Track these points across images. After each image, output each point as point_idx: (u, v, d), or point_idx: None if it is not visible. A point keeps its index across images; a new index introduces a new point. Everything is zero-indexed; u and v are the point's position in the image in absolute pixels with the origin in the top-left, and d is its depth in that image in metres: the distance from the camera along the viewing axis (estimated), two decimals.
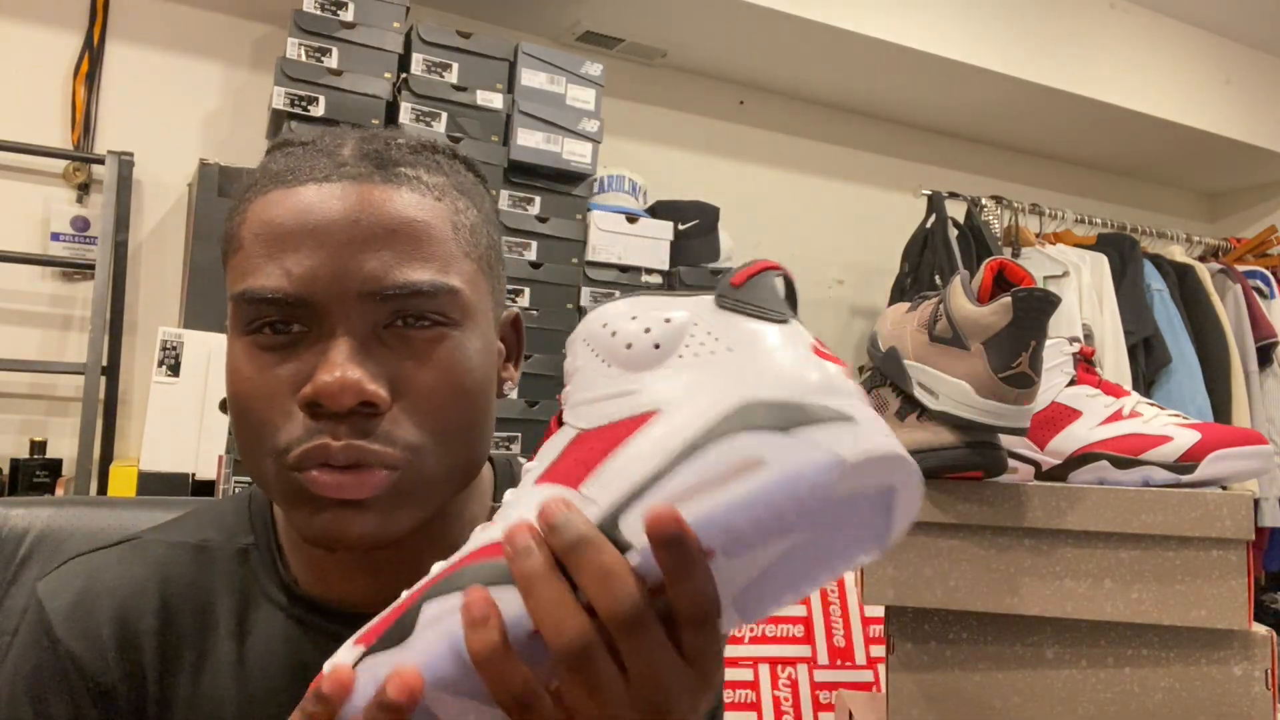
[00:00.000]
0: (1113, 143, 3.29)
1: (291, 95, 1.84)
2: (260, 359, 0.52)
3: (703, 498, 0.37)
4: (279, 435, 0.51)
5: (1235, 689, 0.78)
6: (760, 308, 0.44)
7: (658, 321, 0.45)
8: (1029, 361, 0.76)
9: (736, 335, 0.43)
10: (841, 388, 0.40)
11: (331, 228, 0.52)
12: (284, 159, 0.56)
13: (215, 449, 1.72)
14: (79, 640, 0.58)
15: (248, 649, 0.59)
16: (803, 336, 0.44)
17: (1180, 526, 0.78)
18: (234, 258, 0.54)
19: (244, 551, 0.62)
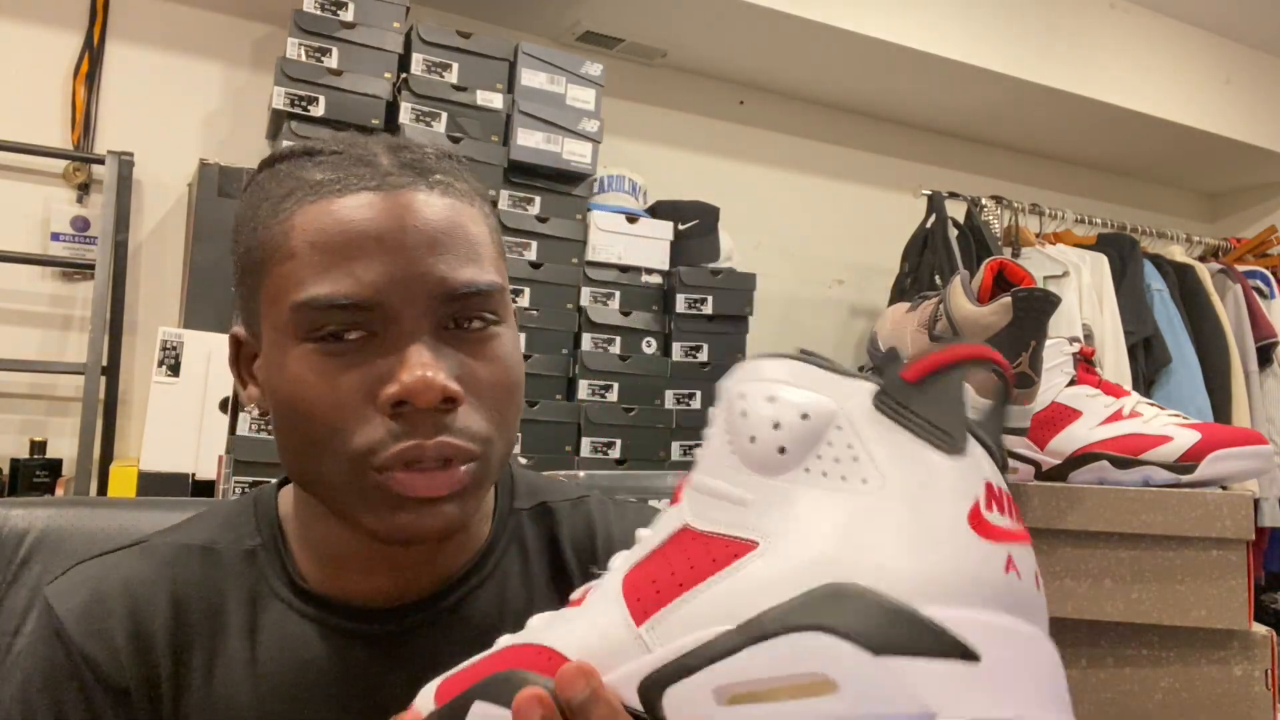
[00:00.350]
0: (1113, 143, 3.29)
1: (291, 95, 1.84)
2: (326, 364, 0.53)
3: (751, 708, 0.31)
4: (355, 439, 0.52)
5: (1235, 689, 0.78)
6: (928, 425, 0.34)
7: (792, 416, 0.36)
8: (1029, 361, 0.76)
9: (886, 463, 0.34)
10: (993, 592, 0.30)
11: (397, 234, 0.54)
12: (321, 169, 0.57)
13: (215, 449, 1.72)
14: (93, 642, 0.58)
15: (259, 648, 0.60)
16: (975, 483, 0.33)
17: (1180, 526, 0.78)
18: (280, 266, 0.55)
19: (251, 552, 0.62)
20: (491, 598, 0.63)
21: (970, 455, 0.34)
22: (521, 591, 0.65)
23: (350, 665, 0.60)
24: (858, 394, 0.36)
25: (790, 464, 0.35)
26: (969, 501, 0.32)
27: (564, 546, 0.67)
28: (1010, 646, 0.30)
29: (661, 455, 2.14)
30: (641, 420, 2.12)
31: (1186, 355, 2.71)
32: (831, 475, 0.34)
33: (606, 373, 2.12)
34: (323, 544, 0.61)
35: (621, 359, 2.13)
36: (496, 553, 0.65)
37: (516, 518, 0.67)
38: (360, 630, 0.60)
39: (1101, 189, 3.62)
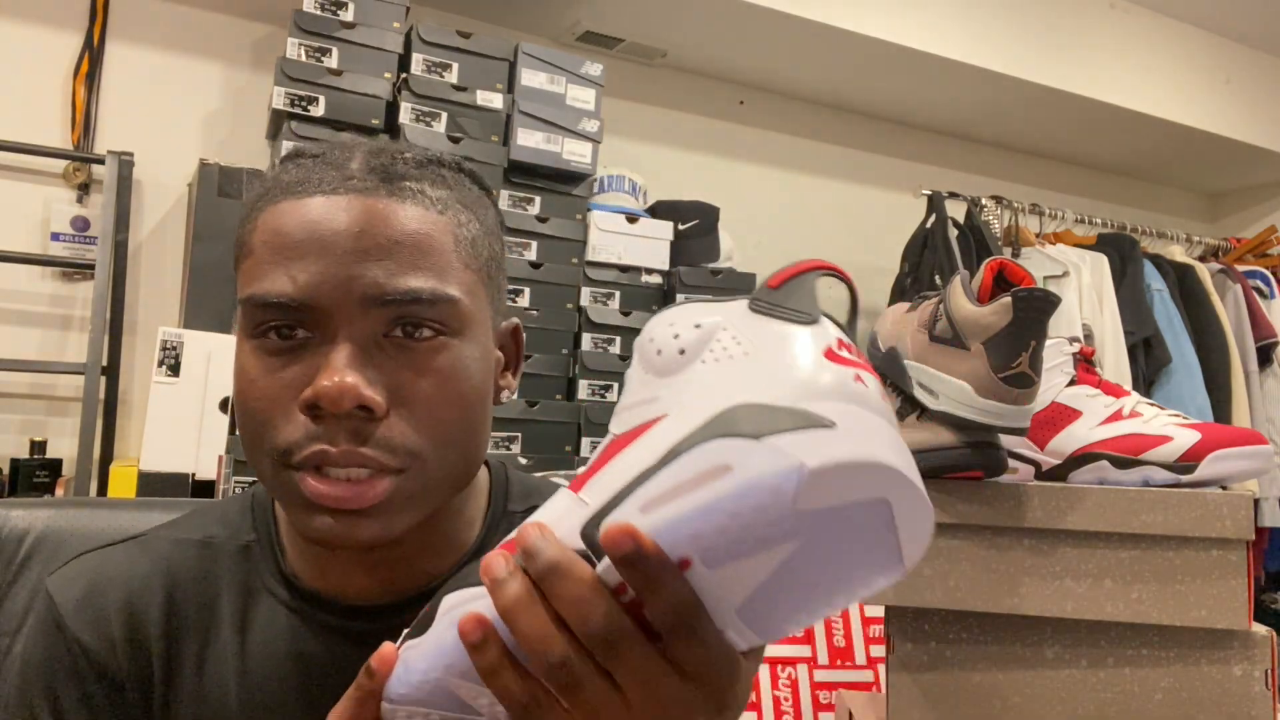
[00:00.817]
0: (1113, 143, 3.29)
1: (291, 95, 1.84)
2: (265, 362, 0.54)
3: (669, 505, 0.37)
4: (279, 436, 0.53)
5: (1235, 689, 0.78)
6: (791, 310, 0.44)
7: (688, 328, 0.45)
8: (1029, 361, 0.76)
9: (759, 339, 0.43)
10: (843, 392, 0.39)
11: (336, 237, 0.54)
12: (295, 170, 0.58)
13: (215, 449, 1.72)
14: (89, 632, 0.59)
15: (250, 641, 0.60)
16: (825, 338, 0.43)
17: (1180, 526, 0.78)
18: (244, 263, 0.57)
19: (246, 547, 0.63)
20: None
21: (821, 324, 0.44)
22: None
23: (337, 661, 0.60)
24: (735, 306, 0.45)
25: (689, 361, 0.44)
26: (824, 346, 0.42)
27: None
28: (861, 421, 0.38)
29: None
30: None
31: (1186, 355, 2.72)
32: (723, 359, 0.43)
33: (606, 373, 2.12)
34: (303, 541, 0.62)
35: (621, 359, 2.13)
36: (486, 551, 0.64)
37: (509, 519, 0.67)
38: (348, 627, 0.61)
39: (1101, 189, 3.62)
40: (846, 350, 0.43)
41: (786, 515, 0.36)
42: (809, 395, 0.39)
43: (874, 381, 0.42)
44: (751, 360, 0.42)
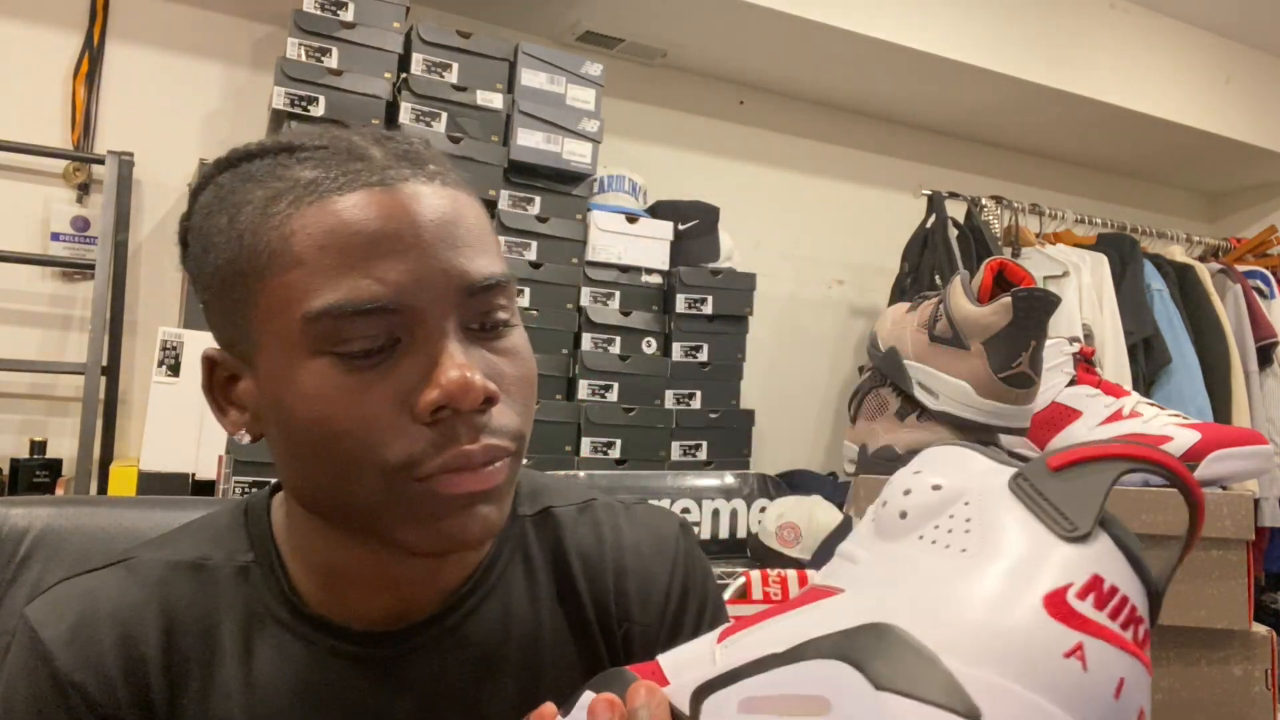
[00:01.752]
0: (1113, 143, 3.29)
1: (291, 95, 1.84)
2: (349, 378, 0.50)
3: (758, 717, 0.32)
4: (392, 451, 0.49)
5: (1235, 689, 0.78)
6: (1057, 511, 0.33)
7: (924, 486, 0.37)
8: (1029, 361, 0.76)
9: (993, 535, 0.33)
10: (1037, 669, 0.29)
11: (413, 230, 0.50)
12: (309, 166, 0.52)
13: (215, 449, 1.72)
14: (83, 669, 0.55)
15: (255, 670, 0.57)
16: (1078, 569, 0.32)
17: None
18: (283, 275, 0.50)
19: (244, 569, 0.59)
20: (495, 613, 0.61)
21: (1091, 547, 0.33)
22: (527, 606, 0.62)
23: (353, 690, 0.57)
24: (999, 474, 0.36)
25: (909, 530, 0.36)
26: (1059, 584, 0.31)
27: (570, 556, 0.64)
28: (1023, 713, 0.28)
29: (661, 455, 2.14)
30: (641, 420, 2.12)
31: (1186, 355, 2.71)
32: (940, 543, 0.34)
33: (606, 373, 2.12)
34: (321, 563, 0.58)
35: (621, 359, 2.13)
36: (499, 565, 0.62)
37: (520, 525, 0.65)
38: (361, 654, 0.58)
39: (1101, 189, 3.62)
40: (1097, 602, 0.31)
41: None
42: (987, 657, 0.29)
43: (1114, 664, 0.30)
44: (964, 562, 0.33)
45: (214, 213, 0.54)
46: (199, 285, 0.56)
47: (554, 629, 0.62)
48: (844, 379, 3.00)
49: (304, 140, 0.55)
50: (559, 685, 0.61)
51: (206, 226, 0.54)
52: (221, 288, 0.54)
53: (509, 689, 0.60)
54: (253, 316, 0.52)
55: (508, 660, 0.60)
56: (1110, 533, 0.34)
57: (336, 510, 0.54)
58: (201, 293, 0.56)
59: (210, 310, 0.56)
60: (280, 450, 0.54)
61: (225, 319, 0.54)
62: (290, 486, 0.57)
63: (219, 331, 0.56)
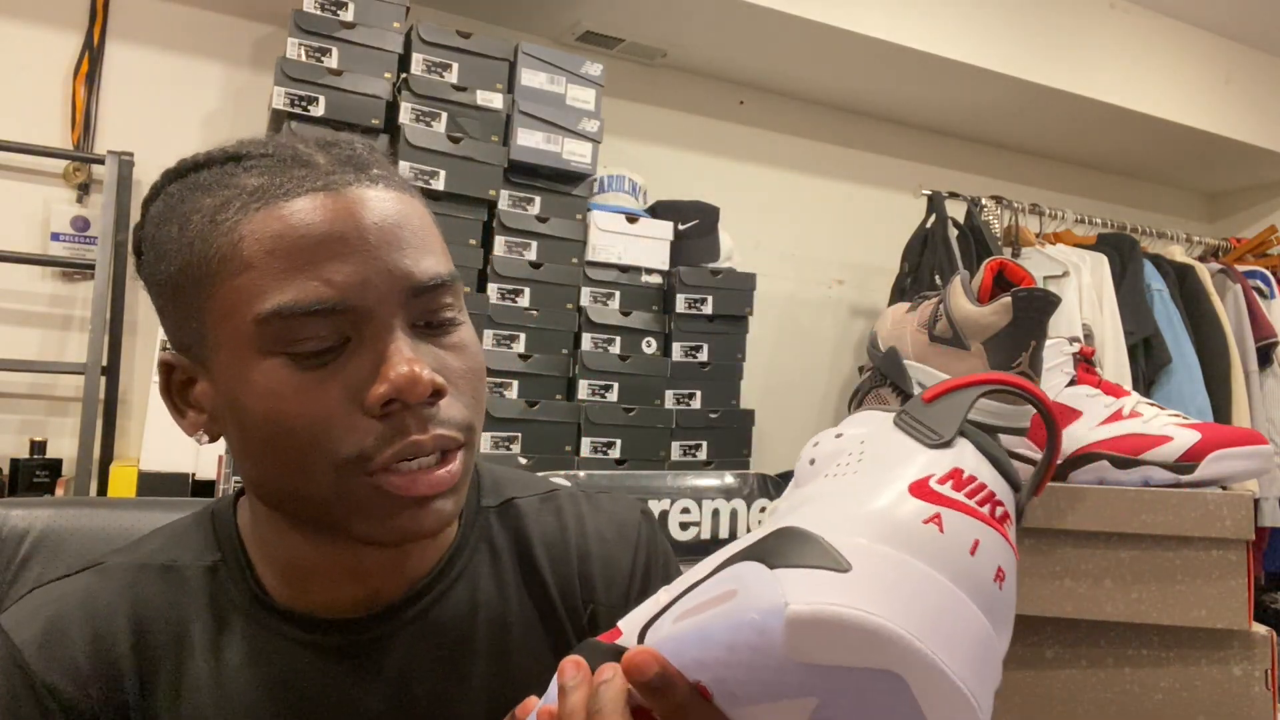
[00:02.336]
0: (1113, 143, 3.29)
1: (291, 95, 1.84)
2: (300, 376, 0.52)
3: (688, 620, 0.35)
4: (344, 446, 0.51)
5: (1235, 689, 0.78)
6: (927, 429, 0.40)
7: (829, 437, 0.43)
8: (1029, 361, 0.76)
9: (878, 456, 0.39)
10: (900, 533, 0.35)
11: (358, 232, 0.52)
12: (255, 174, 0.54)
13: (215, 449, 1.72)
14: (56, 672, 0.56)
15: (224, 665, 0.58)
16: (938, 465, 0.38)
17: (1180, 526, 0.78)
18: (234, 279, 0.52)
19: (212, 569, 0.61)
20: (463, 599, 0.63)
21: (952, 449, 0.39)
22: (494, 593, 0.64)
23: (323, 679, 0.59)
24: (888, 417, 0.42)
25: (816, 472, 0.41)
26: (922, 474, 0.37)
27: (534, 544, 0.66)
28: (892, 571, 0.33)
29: (661, 455, 2.14)
30: (641, 420, 2.12)
31: (1186, 355, 2.71)
32: (837, 474, 0.40)
33: (606, 373, 2.12)
34: (286, 558, 0.60)
35: (621, 359, 2.13)
36: (465, 553, 0.64)
37: (484, 516, 0.66)
38: (330, 643, 0.59)
39: (1101, 189, 3.62)
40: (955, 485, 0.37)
41: (786, 664, 0.32)
42: (861, 528, 0.35)
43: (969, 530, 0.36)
44: (853, 479, 0.38)
45: (165, 222, 0.56)
46: (154, 293, 0.57)
47: (521, 614, 0.64)
48: (844, 379, 3.00)
49: (250, 149, 0.56)
50: (528, 669, 0.63)
51: (158, 235, 0.56)
52: (175, 294, 0.55)
53: (479, 673, 0.62)
54: (207, 320, 0.54)
55: (477, 645, 0.62)
56: (973, 441, 0.40)
57: (293, 505, 0.55)
58: (156, 299, 0.58)
59: (165, 316, 0.57)
60: (238, 449, 0.56)
61: (180, 324, 0.56)
62: (250, 484, 0.59)
63: (174, 336, 0.57)
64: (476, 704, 0.61)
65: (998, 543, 0.36)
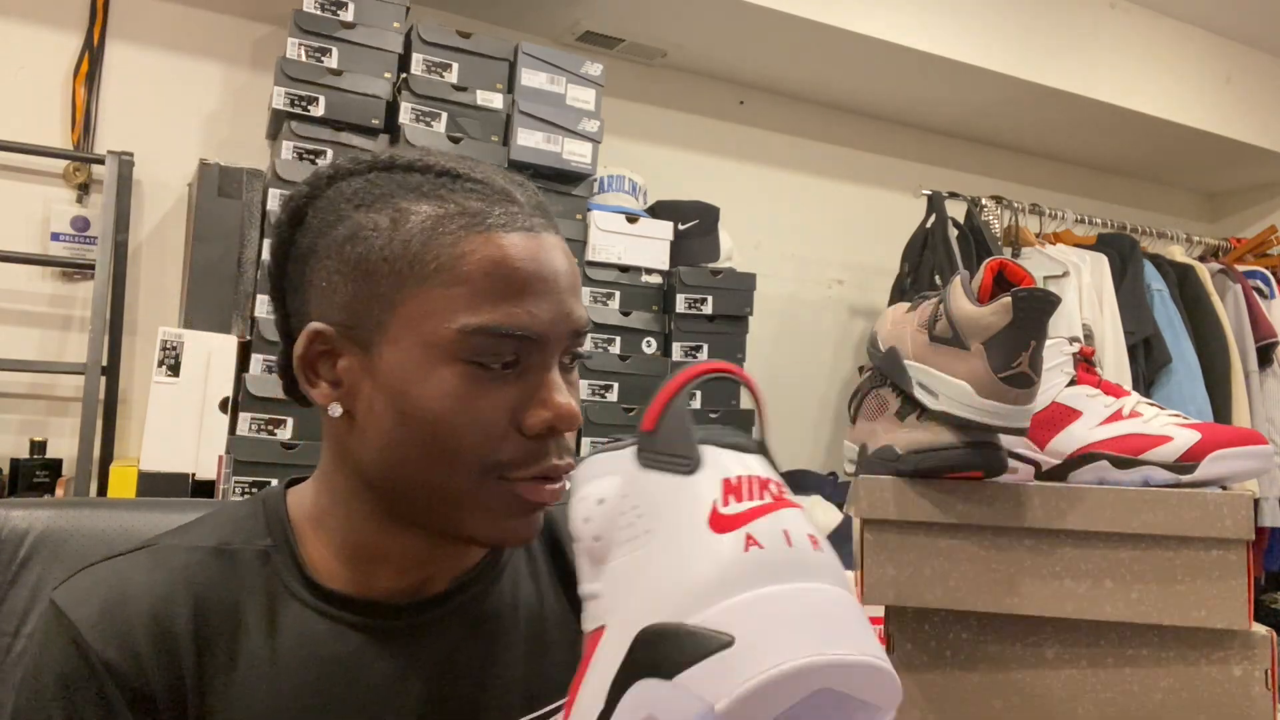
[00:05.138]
0: (1113, 143, 3.29)
1: (291, 95, 1.84)
2: (477, 386, 0.57)
3: None
4: (496, 452, 0.58)
5: (1235, 689, 0.78)
6: (669, 457, 0.42)
7: (594, 506, 0.44)
8: (1029, 361, 0.75)
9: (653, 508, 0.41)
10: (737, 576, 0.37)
11: (553, 277, 0.60)
12: (474, 198, 0.60)
13: (215, 449, 1.72)
14: (114, 648, 0.57)
15: (278, 647, 0.60)
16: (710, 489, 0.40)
17: (1180, 526, 0.78)
18: (448, 288, 0.57)
19: (264, 553, 0.63)
20: (505, 595, 0.67)
21: (705, 465, 0.41)
22: (532, 589, 0.69)
23: (369, 661, 0.61)
24: (630, 458, 0.43)
25: (608, 547, 0.42)
26: (706, 507, 0.39)
27: (566, 546, 0.71)
28: (762, 614, 0.35)
29: None
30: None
31: (1186, 355, 2.71)
32: (631, 543, 0.40)
33: (606, 373, 2.12)
34: (355, 543, 0.63)
35: (621, 359, 2.13)
36: (505, 554, 0.69)
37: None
38: (379, 626, 0.62)
39: (1101, 189, 3.62)
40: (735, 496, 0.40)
41: None
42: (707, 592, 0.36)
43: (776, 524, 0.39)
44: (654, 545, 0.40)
45: (368, 206, 0.60)
46: (315, 262, 0.61)
47: (557, 611, 0.69)
48: (844, 379, 3.00)
49: (464, 170, 0.62)
50: (562, 664, 0.67)
51: (357, 216, 0.60)
52: (365, 276, 0.59)
53: (516, 665, 0.66)
54: (396, 312, 0.58)
55: (515, 639, 0.66)
56: (715, 443, 0.42)
57: (416, 494, 0.59)
58: (318, 271, 0.60)
59: (331, 290, 0.60)
60: (377, 431, 0.59)
61: (352, 302, 0.59)
62: (364, 466, 0.61)
63: (334, 310, 0.60)
64: (513, 695, 0.65)
65: (795, 516, 0.39)
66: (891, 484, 0.81)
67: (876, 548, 0.81)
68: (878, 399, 0.88)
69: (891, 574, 0.80)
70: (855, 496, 0.83)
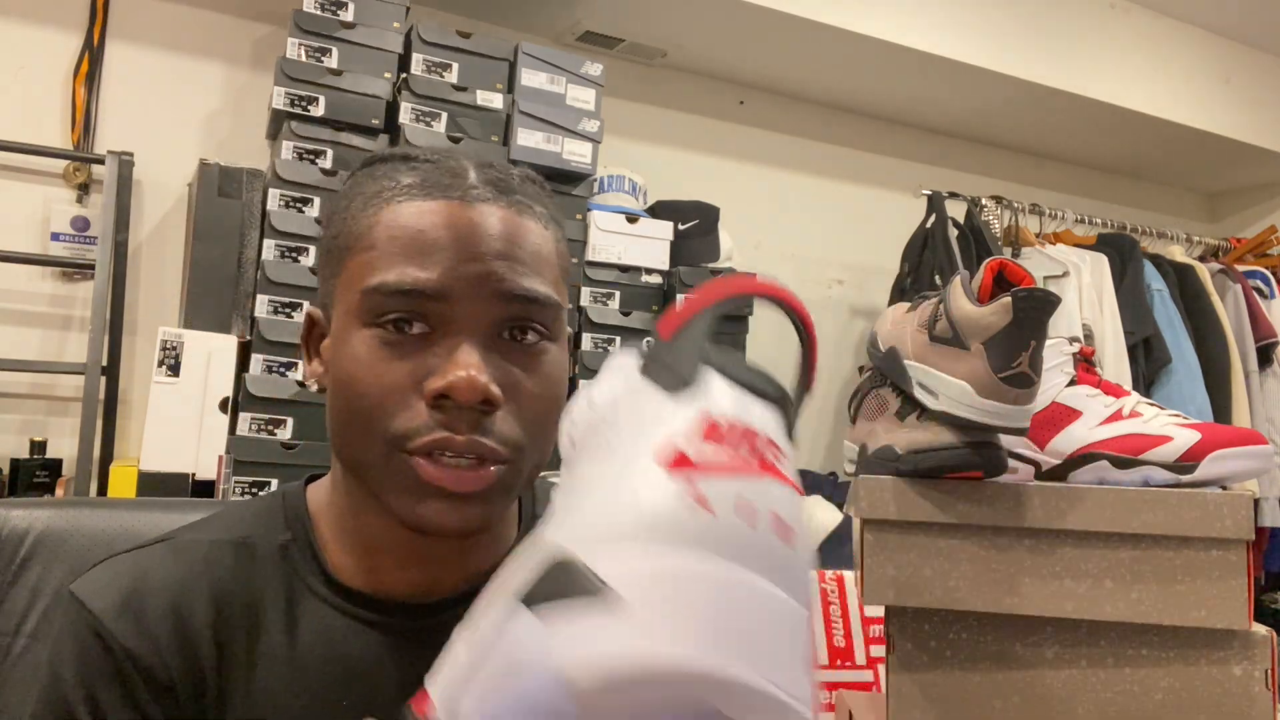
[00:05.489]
0: (1113, 143, 3.29)
1: (291, 95, 1.84)
2: (382, 351, 0.57)
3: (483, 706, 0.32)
4: (395, 422, 0.56)
5: (1235, 689, 0.78)
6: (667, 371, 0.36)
7: (583, 405, 0.39)
8: (1029, 361, 0.75)
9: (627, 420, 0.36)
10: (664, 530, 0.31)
11: (468, 236, 0.58)
12: (413, 174, 0.61)
13: (215, 449, 1.72)
14: (135, 638, 0.58)
15: (297, 643, 0.60)
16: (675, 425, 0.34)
17: (1180, 526, 0.78)
18: (360, 255, 0.59)
19: (284, 547, 0.63)
20: None
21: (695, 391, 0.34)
22: None
23: (384, 659, 0.61)
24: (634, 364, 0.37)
25: (580, 452, 0.37)
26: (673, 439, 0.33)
27: None
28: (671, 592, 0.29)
29: None
30: None
31: (1186, 355, 2.71)
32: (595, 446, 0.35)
33: None
34: (360, 535, 0.62)
35: None
36: None
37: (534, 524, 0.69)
38: (393, 624, 0.62)
39: (1101, 189, 3.62)
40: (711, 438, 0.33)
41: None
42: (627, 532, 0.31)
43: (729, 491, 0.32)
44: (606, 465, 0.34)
45: (341, 197, 0.64)
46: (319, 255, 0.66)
47: None
48: (844, 379, 3.00)
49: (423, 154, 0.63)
50: None
51: (333, 207, 0.64)
52: (326, 259, 0.63)
53: None
54: (336, 285, 0.61)
55: None
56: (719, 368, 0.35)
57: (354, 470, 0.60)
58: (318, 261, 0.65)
59: (319, 277, 0.65)
60: (329, 407, 0.61)
61: (323, 285, 0.63)
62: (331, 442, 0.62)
63: (320, 295, 0.64)
64: None
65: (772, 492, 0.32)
66: (891, 484, 0.81)
67: (876, 548, 0.81)
68: (878, 399, 0.88)
69: (891, 574, 0.80)
70: (855, 496, 0.83)
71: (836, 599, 1.35)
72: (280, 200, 1.83)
